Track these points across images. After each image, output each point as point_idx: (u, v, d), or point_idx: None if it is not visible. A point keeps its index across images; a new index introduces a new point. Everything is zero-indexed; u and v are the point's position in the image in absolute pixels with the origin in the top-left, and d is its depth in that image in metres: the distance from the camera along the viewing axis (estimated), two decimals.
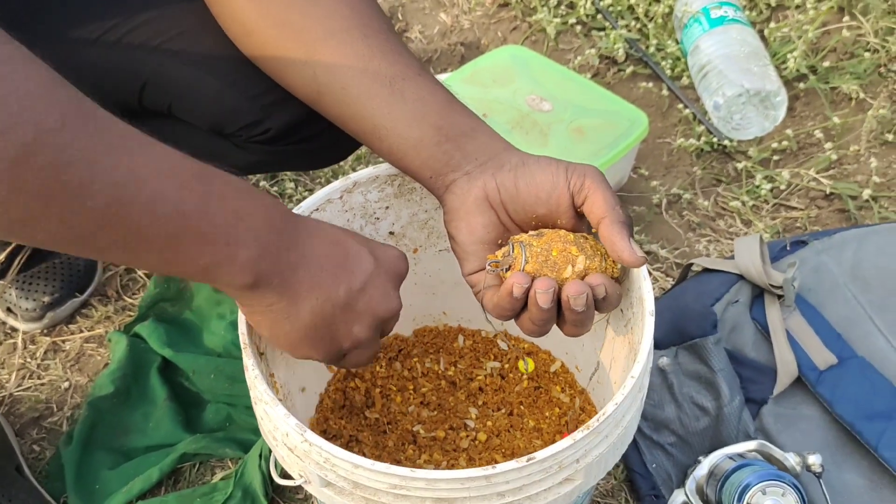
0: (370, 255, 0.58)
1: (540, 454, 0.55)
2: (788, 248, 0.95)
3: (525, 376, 0.86)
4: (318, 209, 0.71)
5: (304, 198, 0.76)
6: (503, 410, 0.84)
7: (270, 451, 0.86)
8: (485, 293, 0.61)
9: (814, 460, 0.78)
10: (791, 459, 0.79)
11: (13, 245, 1.05)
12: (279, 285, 0.54)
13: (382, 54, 0.61)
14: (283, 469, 0.66)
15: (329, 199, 0.71)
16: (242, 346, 0.62)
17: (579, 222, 0.60)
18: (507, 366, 0.87)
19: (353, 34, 0.61)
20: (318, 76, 0.62)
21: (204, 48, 0.73)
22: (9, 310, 1.05)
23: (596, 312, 0.59)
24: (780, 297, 0.90)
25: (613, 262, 0.60)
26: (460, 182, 0.60)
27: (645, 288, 0.65)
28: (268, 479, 0.86)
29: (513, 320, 0.62)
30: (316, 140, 0.79)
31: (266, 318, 0.56)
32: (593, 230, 0.59)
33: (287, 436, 0.59)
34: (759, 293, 0.92)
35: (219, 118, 0.75)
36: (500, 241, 0.61)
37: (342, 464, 0.57)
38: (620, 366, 0.73)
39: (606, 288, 0.58)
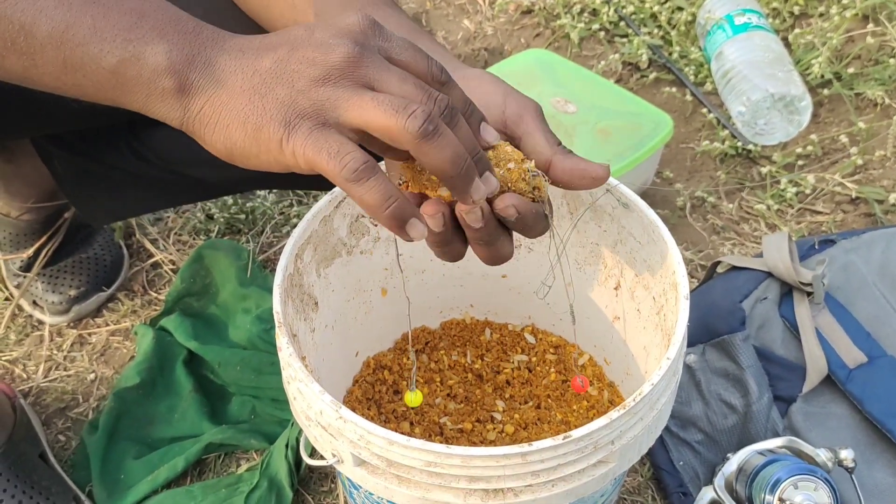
0: (300, 27, 0.49)
1: (576, 432, 0.55)
2: (816, 247, 0.95)
3: (552, 369, 0.85)
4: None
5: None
6: (530, 403, 0.84)
7: (298, 440, 0.86)
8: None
9: (846, 455, 0.78)
10: (822, 455, 0.79)
11: (41, 240, 1.06)
12: (203, 80, 0.47)
13: None
14: (312, 450, 0.66)
15: None
16: (277, 325, 0.63)
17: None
18: (534, 359, 0.87)
19: None
20: (296, 4, 0.63)
21: None
22: (35, 303, 1.06)
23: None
24: (809, 294, 0.90)
25: (525, 179, 0.52)
26: None
27: (679, 273, 0.65)
28: (293, 471, 0.86)
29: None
30: None
31: (209, 126, 0.48)
32: (539, 174, 0.53)
33: (321, 413, 0.59)
34: (787, 290, 0.91)
35: None
36: None
37: (377, 440, 0.57)
38: (653, 355, 0.72)
39: (517, 206, 0.51)
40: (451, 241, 0.52)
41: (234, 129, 0.47)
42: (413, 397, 0.62)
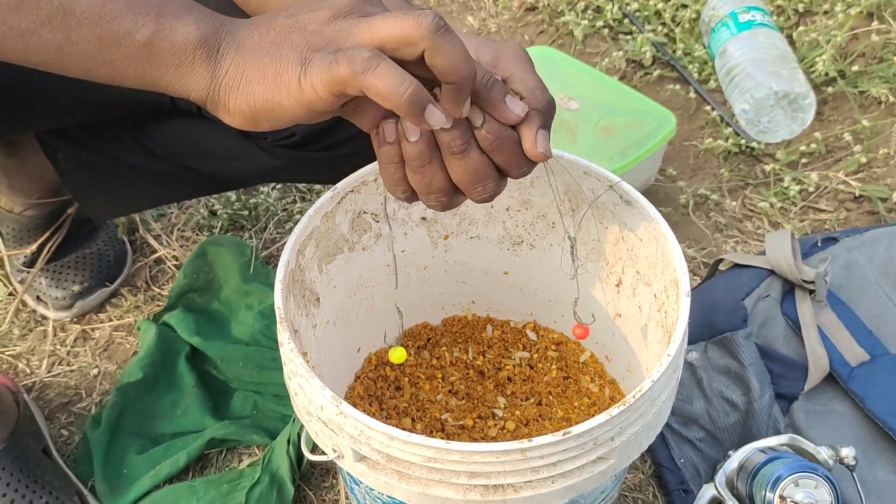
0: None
1: (576, 428, 0.55)
2: (819, 245, 0.95)
3: (554, 366, 0.85)
4: (353, 190, 0.72)
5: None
6: (532, 400, 0.84)
7: (299, 435, 0.86)
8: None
9: (847, 452, 0.78)
10: (823, 453, 0.78)
11: (45, 235, 1.07)
12: (229, 50, 0.50)
13: None
14: (314, 445, 0.66)
15: (363, 180, 0.72)
16: (278, 320, 0.63)
17: None
18: (535, 356, 0.87)
19: None
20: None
21: None
22: (39, 298, 1.06)
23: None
24: (811, 292, 0.90)
25: None
26: None
27: (680, 270, 0.65)
28: (295, 466, 0.86)
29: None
30: (340, 148, 0.80)
31: (232, 90, 0.50)
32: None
33: (322, 409, 0.60)
34: (789, 288, 0.91)
35: None
36: None
37: (377, 436, 0.57)
38: (654, 352, 0.72)
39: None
40: (431, 160, 0.52)
41: (255, 83, 0.49)
42: (397, 354, 0.62)
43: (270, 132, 0.76)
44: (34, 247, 1.07)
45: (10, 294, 1.08)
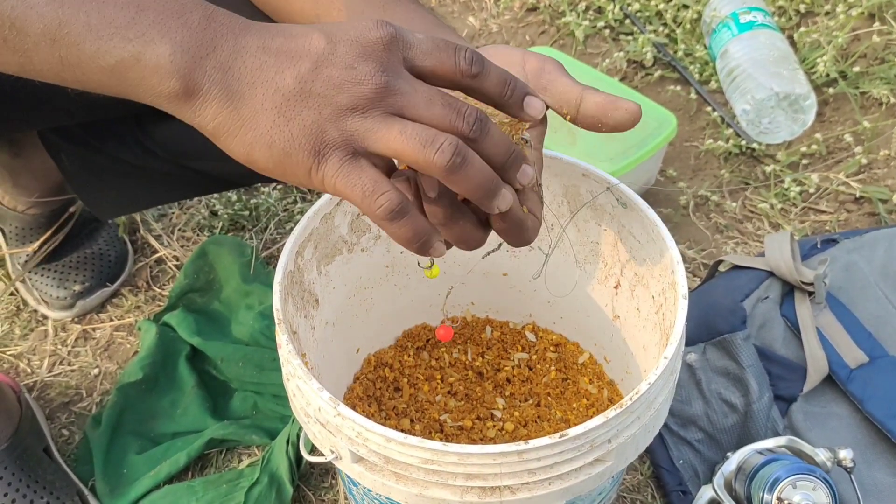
0: (319, 33, 0.47)
1: (573, 431, 0.55)
2: (819, 246, 0.95)
3: (553, 367, 0.86)
4: None
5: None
6: (530, 401, 0.84)
7: (298, 437, 0.87)
8: None
9: (845, 454, 0.78)
10: (822, 454, 0.79)
11: (46, 234, 1.07)
12: (215, 89, 0.45)
13: None
14: (312, 446, 0.66)
15: None
16: (276, 322, 0.63)
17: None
18: (534, 357, 0.87)
19: None
20: (319, 1, 0.62)
21: None
22: (41, 298, 1.07)
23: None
24: (810, 294, 0.90)
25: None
26: None
27: (678, 272, 0.65)
28: (294, 466, 0.87)
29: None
30: None
31: (227, 137, 0.46)
32: (568, 116, 0.55)
33: (319, 410, 0.60)
34: (789, 290, 0.91)
35: None
36: None
37: (374, 437, 0.57)
38: (652, 354, 0.72)
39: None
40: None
41: (258, 147, 0.46)
42: (431, 271, 0.60)
43: None
44: (36, 245, 1.07)
45: (12, 294, 1.09)
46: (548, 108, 0.56)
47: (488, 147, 0.47)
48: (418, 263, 0.60)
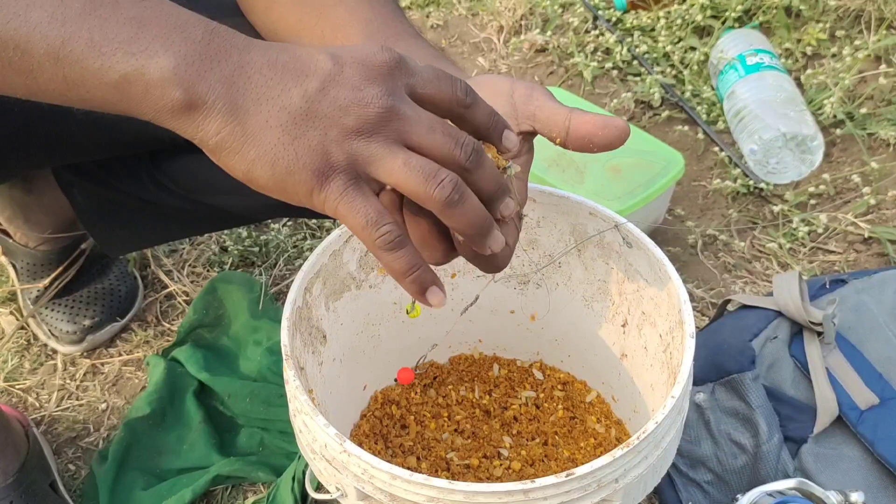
0: (325, 54, 0.47)
1: (579, 470, 0.55)
2: (828, 287, 0.95)
3: (560, 406, 0.85)
4: None
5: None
6: (538, 440, 0.83)
7: (304, 473, 0.86)
8: None
9: (856, 498, 0.77)
10: (833, 497, 0.77)
11: (57, 270, 1.08)
12: (220, 102, 0.45)
13: (383, 19, 0.64)
14: (318, 483, 0.66)
15: None
16: (284, 358, 0.63)
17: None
18: (542, 395, 0.86)
19: (360, 3, 0.64)
20: (325, 36, 0.64)
21: None
22: (50, 332, 1.07)
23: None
24: (819, 334, 0.89)
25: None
26: None
27: (685, 311, 0.65)
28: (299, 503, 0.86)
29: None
30: None
31: (229, 153, 0.46)
32: (558, 140, 0.56)
33: (325, 447, 0.60)
34: (798, 330, 0.91)
35: None
36: None
37: (380, 475, 0.57)
38: (659, 393, 0.72)
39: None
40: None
41: (260, 165, 0.46)
42: (414, 311, 0.61)
43: None
44: (47, 281, 1.08)
45: (23, 328, 1.09)
46: (536, 134, 0.58)
47: (480, 178, 0.49)
48: (407, 311, 0.62)
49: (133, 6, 0.45)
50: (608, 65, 1.44)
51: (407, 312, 0.61)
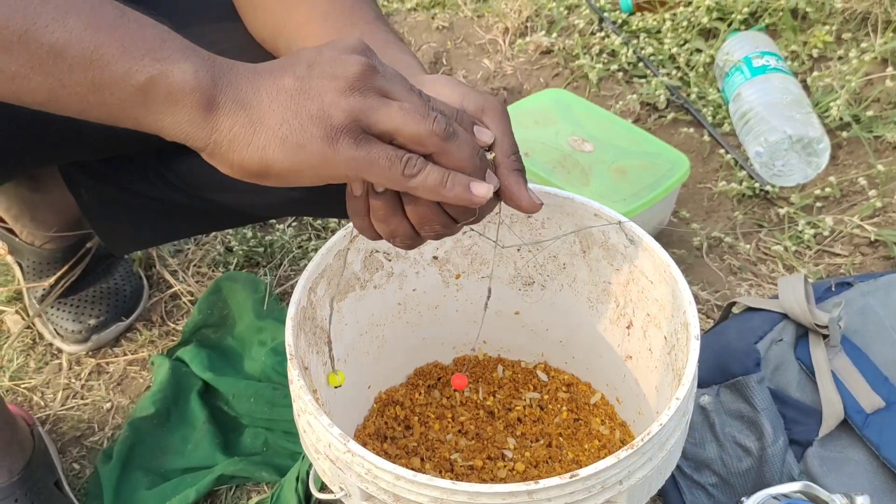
0: (305, 50, 0.53)
1: (584, 471, 0.55)
2: (833, 289, 0.94)
3: (564, 407, 0.85)
4: None
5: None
6: (542, 441, 0.83)
7: (308, 474, 0.86)
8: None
9: (862, 501, 0.76)
10: (838, 501, 0.77)
11: (63, 269, 1.08)
12: (230, 102, 0.50)
13: (340, 11, 0.65)
14: (322, 484, 0.66)
15: None
16: (288, 357, 0.63)
17: None
18: (546, 397, 0.86)
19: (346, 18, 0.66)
20: (295, 31, 0.66)
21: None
22: (56, 332, 1.07)
23: None
24: (825, 337, 0.89)
25: None
26: None
27: (690, 313, 0.65)
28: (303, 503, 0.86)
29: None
30: None
31: (242, 145, 0.50)
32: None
33: (329, 447, 0.60)
34: (803, 333, 0.91)
35: None
36: None
37: (384, 475, 0.57)
38: (664, 395, 0.72)
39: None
40: (395, 213, 0.55)
41: (271, 147, 0.50)
42: (335, 377, 0.69)
43: None
44: (52, 280, 1.08)
45: (28, 327, 1.09)
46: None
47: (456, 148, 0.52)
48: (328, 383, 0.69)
49: (153, 25, 0.51)
50: (614, 67, 1.44)
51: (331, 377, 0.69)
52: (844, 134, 1.29)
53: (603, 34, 1.50)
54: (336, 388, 0.73)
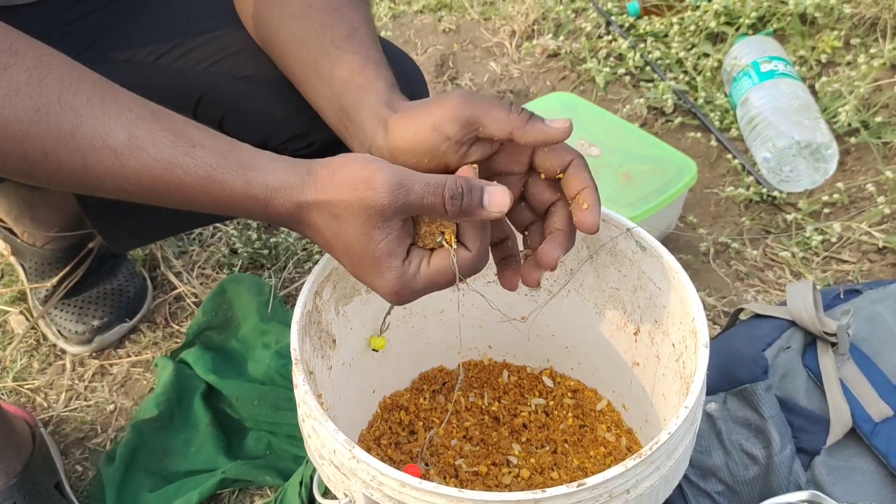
0: (344, 230, 0.58)
1: (591, 480, 0.54)
2: (842, 297, 0.94)
3: (570, 414, 0.84)
4: None
5: None
6: (547, 448, 0.83)
7: (311, 479, 0.86)
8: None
9: None
10: None
11: (65, 269, 1.08)
12: (314, 206, 0.56)
13: (314, 35, 0.67)
14: (325, 488, 0.66)
15: None
16: (294, 362, 0.63)
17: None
18: (551, 403, 0.86)
19: (296, 23, 0.69)
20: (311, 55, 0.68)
21: (255, 66, 0.76)
22: (59, 333, 1.07)
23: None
24: (833, 345, 0.88)
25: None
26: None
27: (699, 320, 0.64)
28: None
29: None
30: None
31: (317, 238, 0.59)
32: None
33: (334, 452, 0.59)
34: (811, 340, 0.90)
35: (268, 129, 0.77)
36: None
37: (389, 482, 0.56)
38: (672, 403, 0.71)
39: None
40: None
41: (342, 260, 0.59)
42: (378, 341, 0.71)
43: (290, 141, 0.78)
44: (55, 280, 1.08)
45: (33, 328, 1.09)
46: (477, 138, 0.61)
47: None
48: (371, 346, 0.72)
49: (251, 150, 0.58)
50: (621, 70, 1.43)
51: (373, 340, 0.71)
52: (853, 140, 1.29)
53: (610, 38, 1.50)
54: (374, 351, 0.75)
